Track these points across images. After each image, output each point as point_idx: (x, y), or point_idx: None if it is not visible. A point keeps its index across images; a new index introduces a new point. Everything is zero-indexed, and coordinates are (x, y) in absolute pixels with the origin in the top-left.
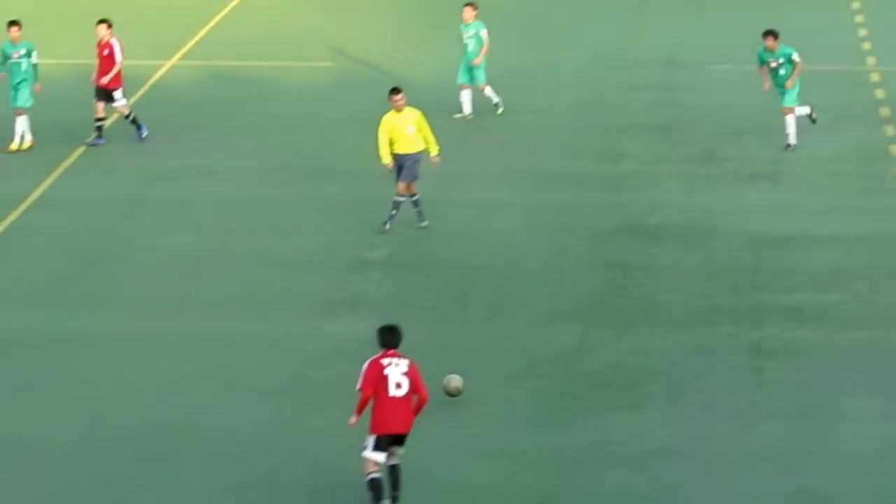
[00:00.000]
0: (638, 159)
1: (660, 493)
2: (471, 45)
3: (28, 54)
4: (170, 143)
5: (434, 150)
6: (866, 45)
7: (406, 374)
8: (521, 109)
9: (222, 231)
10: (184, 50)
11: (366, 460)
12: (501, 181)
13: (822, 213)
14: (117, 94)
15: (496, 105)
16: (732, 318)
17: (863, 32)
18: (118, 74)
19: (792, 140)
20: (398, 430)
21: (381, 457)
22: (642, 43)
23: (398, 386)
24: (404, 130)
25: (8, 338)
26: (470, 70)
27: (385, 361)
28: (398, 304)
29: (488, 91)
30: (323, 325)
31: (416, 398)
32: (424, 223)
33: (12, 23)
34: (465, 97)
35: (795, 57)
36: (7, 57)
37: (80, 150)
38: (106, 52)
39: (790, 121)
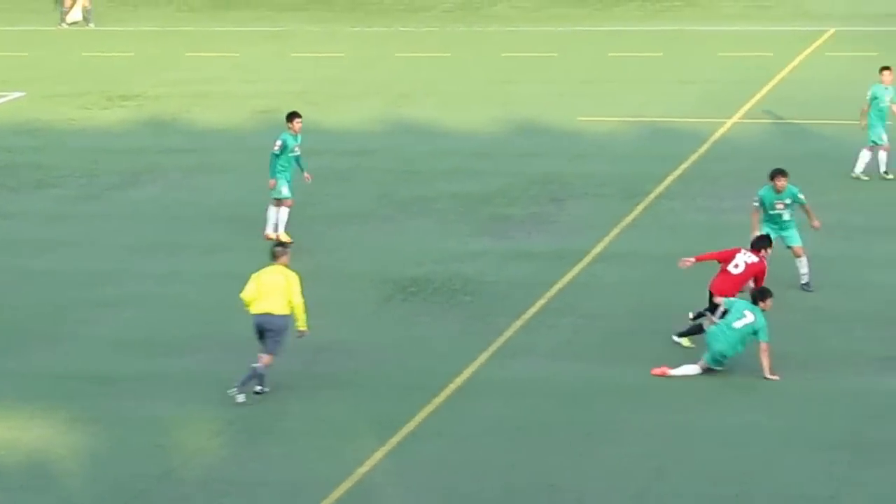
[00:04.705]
0: None
1: None
2: None
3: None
4: (730, 199)
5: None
6: None
7: None
8: None
9: (783, 286)
10: (745, 108)
11: None
12: None
13: None
14: None
15: None
16: None
17: None
18: None
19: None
20: None
21: None
22: None
23: None
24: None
25: (571, 389)
26: None
27: None
28: None
29: None
30: (880, 380)
31: None
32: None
33: (294, 114)
34: None
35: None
36: (287, 149)
37: (641, 206)
38: None
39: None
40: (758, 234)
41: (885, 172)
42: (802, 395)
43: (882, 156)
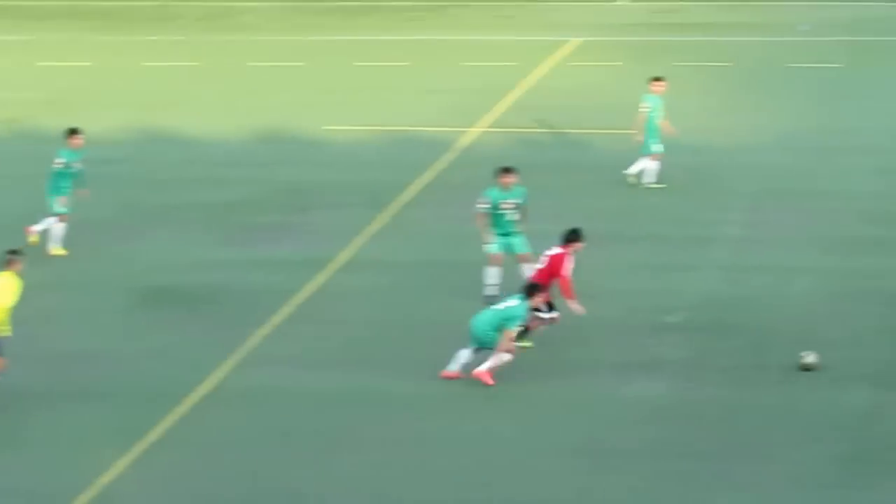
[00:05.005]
0: None
1: None
2: None
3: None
4: (473, 207)
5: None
6: None
7: None
8: (819, 175)
9: None
10: (490, 117)
11: None
12: (800, 247)
13: None
14: None
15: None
16: None
17: None
18: None
19: None
20: None
21: None
22: None
23: None
24: None
25: (314, 397)
26: None
27: None
28: (694, 368)
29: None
30: (619, 387)
31: None
32: None
33: (73, 131)
34: None
35: None
36: (68, 165)
37: (386, 214)
38: None
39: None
40: (490, 236)
41: (649, 182)
42: (543, 402)
43: (650, 164)
